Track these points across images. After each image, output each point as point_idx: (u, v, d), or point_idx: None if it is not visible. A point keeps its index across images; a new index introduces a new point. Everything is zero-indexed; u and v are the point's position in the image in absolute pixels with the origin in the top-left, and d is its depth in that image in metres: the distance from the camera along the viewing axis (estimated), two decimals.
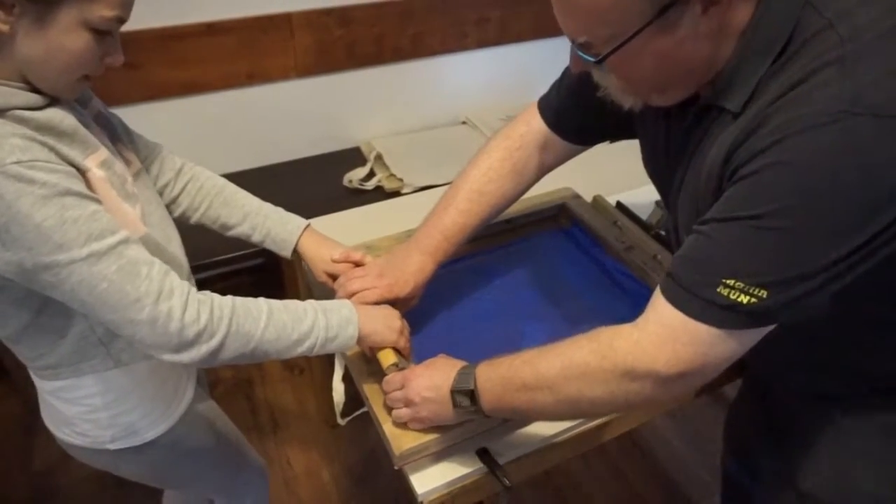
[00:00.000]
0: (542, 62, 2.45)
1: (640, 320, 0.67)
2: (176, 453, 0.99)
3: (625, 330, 0.67)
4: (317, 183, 2.13)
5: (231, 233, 1.04)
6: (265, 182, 2.12)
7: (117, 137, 0.88)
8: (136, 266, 0.71)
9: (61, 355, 0.82)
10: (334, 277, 1.04)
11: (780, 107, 0.57)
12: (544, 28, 2.39)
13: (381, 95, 2.32)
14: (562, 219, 1.33)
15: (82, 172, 0.72)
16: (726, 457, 1.03)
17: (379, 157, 2.20)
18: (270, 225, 1.04)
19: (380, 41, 2.19)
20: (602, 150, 1.05)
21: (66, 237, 0.67)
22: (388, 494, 1.68)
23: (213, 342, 0.75)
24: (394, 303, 0.97)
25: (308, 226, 1.08)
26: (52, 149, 0.69)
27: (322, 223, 1.34)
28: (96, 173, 0.74)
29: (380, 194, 2.04)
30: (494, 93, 2.47)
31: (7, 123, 0.67)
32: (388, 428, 0.87)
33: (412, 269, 0.99)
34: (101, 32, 0.70)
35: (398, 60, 2.27)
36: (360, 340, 0.88)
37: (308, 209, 1.40)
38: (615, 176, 1.39)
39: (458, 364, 0.83)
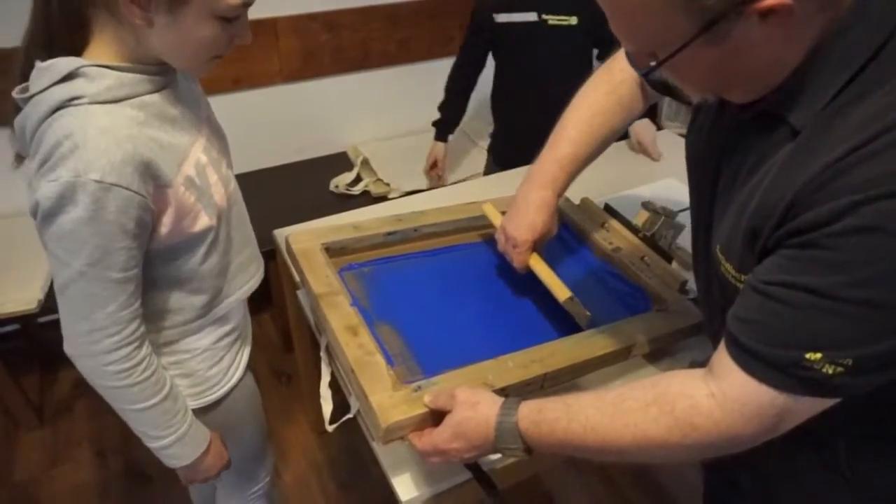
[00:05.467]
0: None
1: (717, 391, 0.62)
2: (234, 415, 1.05)
3: (703, 405, 0.63)
4: (303, 188, 2.12)
5: None
6: (252, 187, 2.09)
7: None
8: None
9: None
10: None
11: (866, 156, 0.50)
12: None
13: (367, 100, 2.32)
14: None
15: (165, 188, 0.76)
16: (703, 467, 1.02)
17: (366, 162, 2.19)
18: None
19: (366, 46, 2.19)
20: None
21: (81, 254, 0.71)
22: (374, 501, 1.67)
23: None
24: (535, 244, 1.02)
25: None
26: (148, 164, 0.72)
27: (308, 229, 1.33)
28: (186, 175, 0.79)
29: (367, 199, 2.03)
30: (480, 98, 2.48)
31: (127, 108, 0.73)
32: (375, 400, 0.80)
33: (534, 208, 1.01)
34: (228, 19, 0.73)
35: (384, 65, 2.28)
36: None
37: (294, 215, 1.40)
38: (603, 180, 1.39)
39: (488, 419, 0.75)
